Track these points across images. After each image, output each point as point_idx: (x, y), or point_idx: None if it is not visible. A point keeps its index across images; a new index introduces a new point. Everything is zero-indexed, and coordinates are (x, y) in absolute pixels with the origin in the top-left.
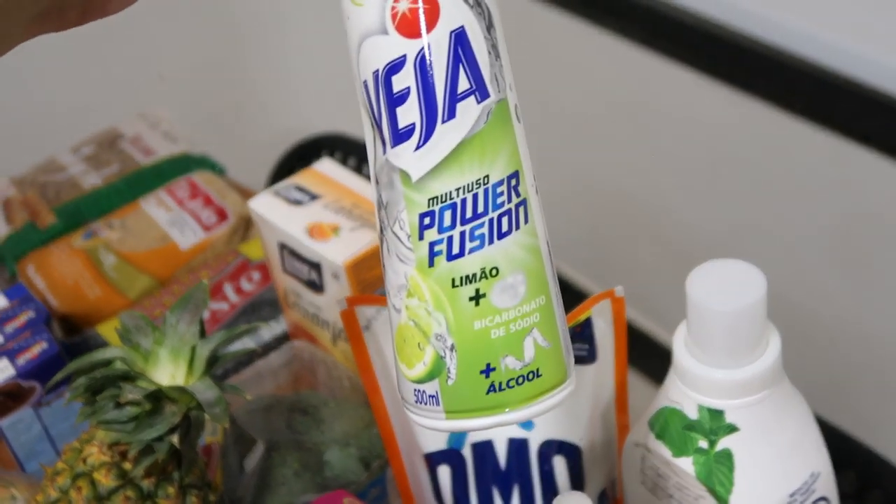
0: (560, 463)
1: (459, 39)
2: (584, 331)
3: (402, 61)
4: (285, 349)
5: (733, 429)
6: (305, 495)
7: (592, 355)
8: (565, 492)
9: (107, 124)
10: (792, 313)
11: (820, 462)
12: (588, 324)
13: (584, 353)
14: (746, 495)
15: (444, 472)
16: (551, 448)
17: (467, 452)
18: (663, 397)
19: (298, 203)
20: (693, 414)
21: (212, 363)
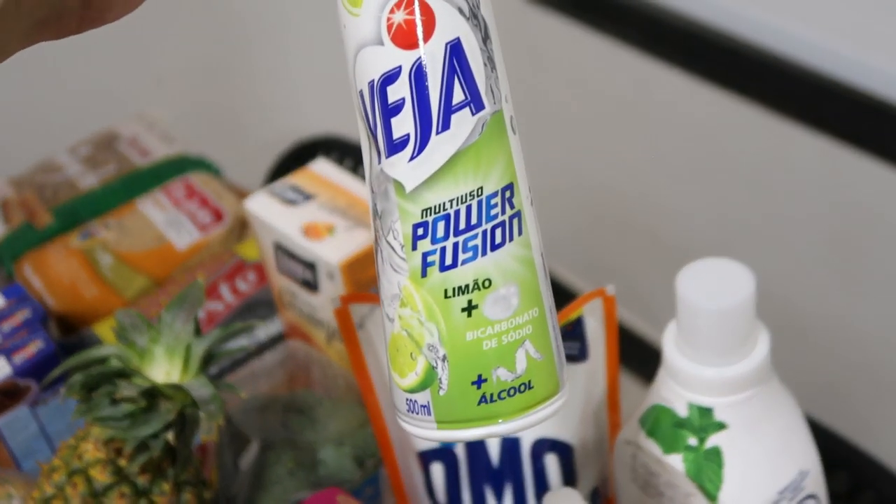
0: (552, 461)
1: (455, 51)
2: (576, 329)
3: (398, 72)
4: (280, 349)
5: (722, 426)
6: (299, 493)
7: (584, 354)
8: (555, 488)
9: (104, 125)
10: (785, 314)
11: (809, 460)
12: (579, 322)
13: (576, 352)
14: (735, 492)
15: (438, 470)
16: (543, 446)
17: (460, 450)
18: (654, 395)
19: (293, 203)
20: (683, 411)
21: (207, 361)
